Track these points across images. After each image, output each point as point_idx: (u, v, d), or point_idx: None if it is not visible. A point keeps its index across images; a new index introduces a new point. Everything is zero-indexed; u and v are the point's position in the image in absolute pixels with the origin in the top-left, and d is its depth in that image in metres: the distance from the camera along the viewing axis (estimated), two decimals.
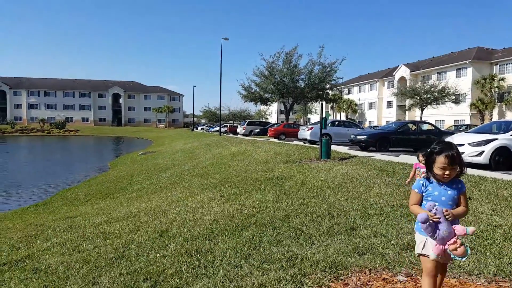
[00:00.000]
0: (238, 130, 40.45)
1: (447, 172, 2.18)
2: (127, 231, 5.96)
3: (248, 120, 43.02)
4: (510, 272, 2.95)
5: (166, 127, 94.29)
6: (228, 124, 54.03)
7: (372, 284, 2.91)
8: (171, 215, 6.85)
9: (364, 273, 3.13)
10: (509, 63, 41.21)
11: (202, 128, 71.04)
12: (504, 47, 45.79)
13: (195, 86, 74.70)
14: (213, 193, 8.71)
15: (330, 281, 2.98)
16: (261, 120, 63.03)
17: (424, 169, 5.12)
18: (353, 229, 4.50)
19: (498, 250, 3.38)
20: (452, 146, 2.22)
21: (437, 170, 2.21)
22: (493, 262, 3.14)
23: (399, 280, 2.97)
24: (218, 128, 45.34)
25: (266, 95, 32.24)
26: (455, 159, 2.16)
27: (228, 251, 4.04)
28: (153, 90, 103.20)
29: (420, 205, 2.31)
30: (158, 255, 4.30)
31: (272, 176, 9.72)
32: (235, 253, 3.92)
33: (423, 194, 2.30)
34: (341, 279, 3.01)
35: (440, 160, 2.18)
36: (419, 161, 5.24)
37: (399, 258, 3.40)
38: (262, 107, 65.74)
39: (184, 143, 34.45)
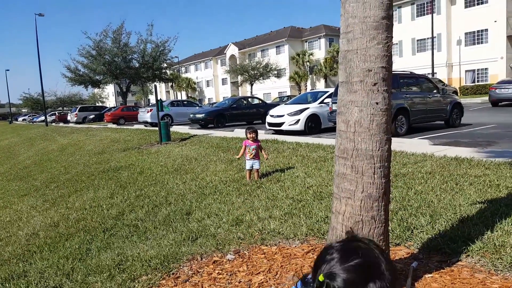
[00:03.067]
0: (69, 118, 35.82)
1: None
2: None
3: (80, 106, 38.37)
4: (317, 229, 3.43)
5: None
6: (56, 112, 47.23)
7: (203, 270, 2.94)
8: None
9: (196, 260, 3.14)
10: (316, 40, 48.62)
11: (24, 119, 60.13)
12: (311, 26, 53.48)
13: (8, 70, 61.46)
14: (35, 199, 7.44)
15: (161, 279, 2.87)
16: (96, 104, 57.38)
17: (253, 146, 5.52)
18: (189, 214, 4.50)
19: (309, 211, 3.89)
20: None
21: None
22: (305, 222, 3.60)
23: (228, 259, 3.09)
24: (44, 118, 39.06)
25: (97, 77, 29.19)
26: None
27: (47, 270, 3.46)
28: None
29: None
30: None
31: (108, 167, 8.94)
32: (55, 271, 3.38)
33: None
34: (173, 273, 2.94)
35: None
36: (247, 137, 5.56)
37: (228, 236, 3.55)
38: (96, 90, 59.68)
39: None
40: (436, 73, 30.42)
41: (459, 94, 28.79)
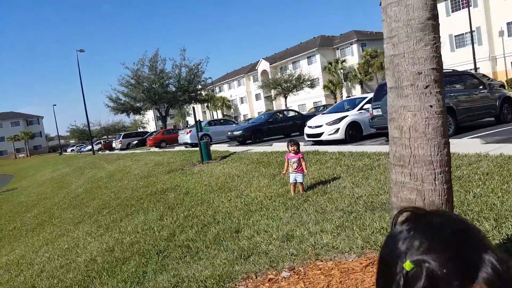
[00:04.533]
0: (113, 145, 37.56)
1: None
2: None
3: (124, 133, 40.25)
4: (373, 241, 3.30)
5: (27, 156, 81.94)
6: (102, 141, 49.73)
7: None
8: (39, 264, 5.85)
9: (251, 278, 3.12)
10: (347, 47, 48.05)
11: (72, 150, 63.91)
12: (341, 33, 53.03)
13: (55, 105, 65.95)
14: (89, 225, 7.79)
15: None
16: (138, 130, 59.89)
17: (294, 159, 5.47)
18: (238, 232, 4.50)
19: (362, 222, 3.76)
20: None
21: None
22: (359, 235, 3.48)
23: (284, 277, 3.03)
24: (90, 147, 41.31)
25: (137, 104, 30.58)
26: None
27: None
28: (5, 117, 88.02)
29: None
30: None
31: (155, 190, 9.22)
32: None
33: None
34: None
35: None
36: (289, 150, 5.52)
37: (281, 253, 3.50)
38: (137, 116, 62.48)
39: (52, 170, 30.40)
40: (479, 68, 28.93)
41: (506, 88, 27.12)
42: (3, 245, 9.78)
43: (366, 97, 11.92)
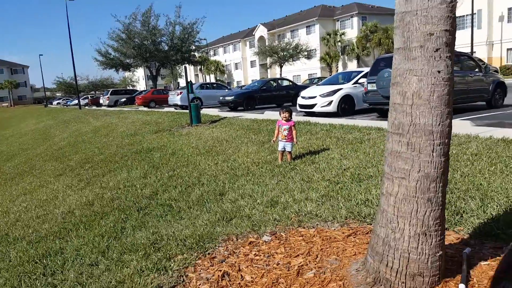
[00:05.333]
0: (101, 101, 36.73)
1: None
2: None
3: (112, 89, 39.19)
4: (358, 212, 3.25)
5: (11, 105, 79.83)
6: (89, 96, 48.58)
7: (239, 251, 2.85)
8: (15, 213, 5.74)
9: (232, 240, 3.06)
10: (348, 19, 46.95)
11: (58, 103, 62.40)
12: (342, 5, 51.64)
13: (41, 55, 63.69)
14: (70, 179, 7.65)
15: (197, 259, 2.81)
16: (128, 88, 58.59)
17: (285, 126, 5.34)
18: (222, 194, 4.43)
19: (347, 193, 3.70)
20: None
21: None
22: (344, 205, 3.43)
23: (265, 241, 2.98)
24: (77, 101, 40.36)
25: (127, 61, 29.65)
26: None
27: (83, 247, 3.50)
28: None
29: None
30: None
31: (141, 149, 9.05)
32: (91, 249, 3.41)
33: None
34: (208, 253, 2.87)
35: None
36: (281, 117, 5.38)
37: (264, 217, 3.44)
38: (127, 74, 60.94)
39: (36, 122, 29.73)
40: (475, 52, 28.77)
41: (499, 74, 27.18)
42: None
43: (361, 71, 11.70)
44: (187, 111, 13.93)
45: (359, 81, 11.15)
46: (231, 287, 2.37)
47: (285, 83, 19.36)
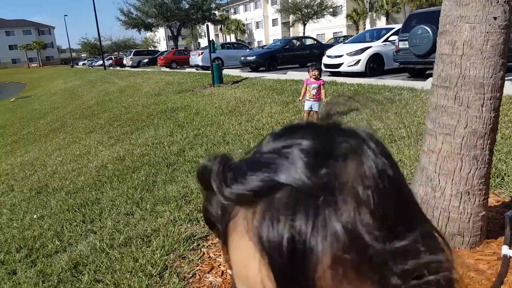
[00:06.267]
0: (124, 62, 36.86)
1: None
2: None
3: (135, 50, 39.19)
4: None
5: (40, 66, 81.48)
6: (113, 57, 48.80)
7: None
8: (52, 167, 6.00)
9: None
10: None
11: (83, 64, 63.16)
12: None
13: (66, 15, 63.68)
14: (100, 135, 7.87)
15: None
16: (149, 49, 58.36)
17: (314, 85, 5.21)
18: (247, 154, 4.45)
19: None
20: None
21: None
22: None
23: None
24: (102, 62, 40.74)
25: (148, 20, 29.30)
26: None
27: (118, 198, 3.65)
28: (16, 25, 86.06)
29: None
30: (35, 216, 3.72)
31: (166, 108, 9.14)
32: (125, 200, 3.56)
33: None
34: None
35: None
36: (310, 75, 5.24)
37: None
38: (148, 34, 60.47)
39: (64, 82, 30.37)
40: None
41: None
42: (18, 147, 10.06)
43: (392, 28, 11.09)
44: (209, 71, 13.85)
45: (390, 39, 10.61)
46: None
47: (309, 42, 18.67)
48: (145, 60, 32.55)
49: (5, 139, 12.38)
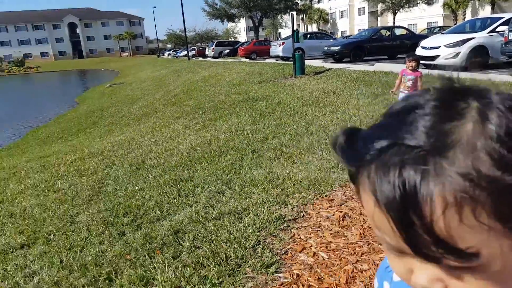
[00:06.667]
0: (206, 52, 38.66)
1: None
2: (102, 167, 5.75)
3: (217, 41, 40.83)
4: None
5: (130, 55, 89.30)
6: (196, 47, 51.47)
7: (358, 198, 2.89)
8: (146, 146, 6.62)
9: (349, 186, 3.11)
10: None
11: (169, 54, 67.63)
12: None
13: (154, 7, 68.63)
14: (187, 121, 8.44)
15: (314, 199, 2.95)
16: (230, 39, 60.24)
17: (410, 76, 4.96)
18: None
19: None
20: None
21: None
22: None
23: None
24: (185, 53, 43.27)
25: (231, 11, 30.27)
26: None
27: (208, 178, 3.93)
28: (111, 16, 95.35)
29: None
30: (136, 188, 4.17)
31: (247, 98, 9.45)
32: (215, 180, 3.82)
33: None
34: (326, 195, 2.98)
35: None
36: (406, 66, 5.01)
37: None
38: (230, 25, 62.56)
39: (151, 71, 32.92)
40: None
41: None
42: (115, 128, 11.25)
43: (501, 18, 9.93)
44: (289, 62, 13.89)
45: (498, 29, 9.51)
46: (353, 227, 2.45)
47: (400, 31, 17.60)
48: (226, 51, 33.77)
49: (103, 120, 13.92)
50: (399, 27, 18.99)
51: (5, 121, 18.01)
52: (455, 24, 27.93)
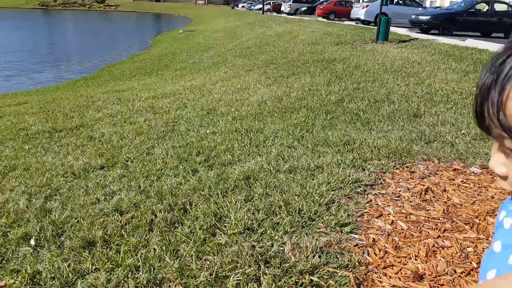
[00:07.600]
0: (282, 8, 37.53)
1: None
2: (175, 107, 5.94)
3: None
4: None
5: (205, 4, 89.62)
6: (271, 2, 50.10)
7: (442, 174, 2.67)
8: (217, 94, 6.70)
9: (432, 161, 2.87)
10: None
11: (243, 6, 66.75)
12: None
13: None
14: (258, 75, 8.35)
15: (394, 168, 2.77)
16: None
17: None
18: (417, 116, 4.12)
19: None
20: None
21: None
22: None
23: (473, 172, 2.69)
24: (260, 6, 42.32)
25: None
26: None
27: (280, 132, 3.87)
28: None
29: None
30: (208, 131, 4.25)
31: (322, 58, 9.07)
32: (287, 135, 3.75)
33: None
34: (407, 167, 2.78)
35: None
36: None
37: (471, 149, 3.07)
38: None
39: (225, 21, 32.86)
40: None
41: None
42: (186, 74, 11.54)
43: None
44: (370, 27, 12.98)
45: None
46: (436, 203, 2.27)
47: (500, 7, 15.55)
48: (303, 8, 32.45)
49: (175, 65, 14.33)
50: (501, 1, 16.70)
51: (84, 54, 19.34)
52: None
